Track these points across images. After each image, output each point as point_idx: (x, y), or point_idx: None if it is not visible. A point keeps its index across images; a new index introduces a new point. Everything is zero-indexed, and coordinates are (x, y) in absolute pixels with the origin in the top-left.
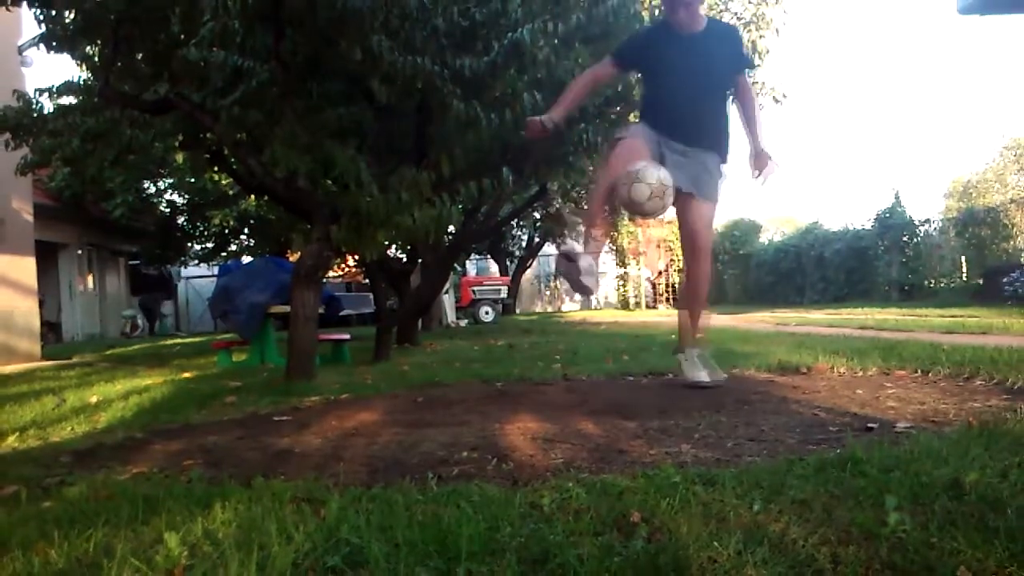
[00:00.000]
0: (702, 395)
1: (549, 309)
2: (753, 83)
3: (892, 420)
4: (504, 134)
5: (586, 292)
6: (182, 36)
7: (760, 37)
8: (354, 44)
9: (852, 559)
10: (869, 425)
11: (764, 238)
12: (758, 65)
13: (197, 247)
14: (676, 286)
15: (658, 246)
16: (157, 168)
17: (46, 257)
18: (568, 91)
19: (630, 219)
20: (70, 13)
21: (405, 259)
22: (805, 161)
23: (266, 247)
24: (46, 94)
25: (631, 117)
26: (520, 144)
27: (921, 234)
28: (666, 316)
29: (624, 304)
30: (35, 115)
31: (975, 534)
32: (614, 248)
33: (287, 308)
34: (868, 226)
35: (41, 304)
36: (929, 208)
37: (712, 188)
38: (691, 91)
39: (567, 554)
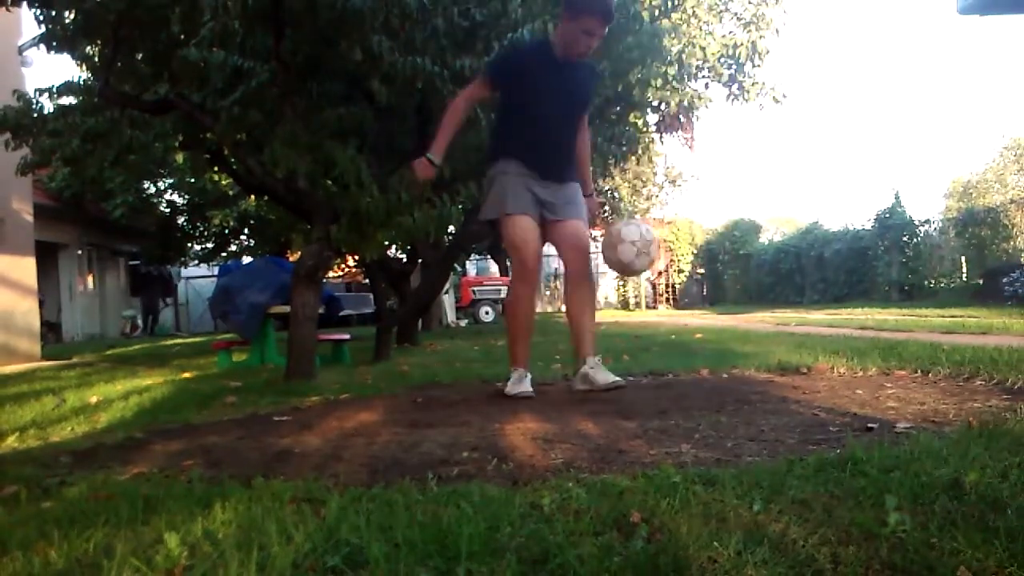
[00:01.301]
0: (702, 395)
1: (549, 309)
2: (753, 83)
3: (892, 420)
4: None
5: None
6: (182, 36)
7: (760, 37)
8: (354, 44)
9: (852, 559)
10: (869, 425)
11: (764, 238)
12: (758, 65)
13: (197, 247)
14: (676, 287)
15: (658, 246)
16: (157, 168)
17: (46, 257)
18: (444, 125)
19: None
20: (70, 13)
21: (405, 259)
22: (805, 161)
23: (266, 247)
24: (46, 94)
25: (631, 117)
26: None
27: (921, 234)
28: (666, 316)
29: (624, 304)
30: (35, 115)
31: (975, 534)
32: None
33: (287, 308)
34: (868, 226)
35: (41, 304)
36: (929, 208)
37: (583, 209)
38: (559, 123)
39: (567, 554)
